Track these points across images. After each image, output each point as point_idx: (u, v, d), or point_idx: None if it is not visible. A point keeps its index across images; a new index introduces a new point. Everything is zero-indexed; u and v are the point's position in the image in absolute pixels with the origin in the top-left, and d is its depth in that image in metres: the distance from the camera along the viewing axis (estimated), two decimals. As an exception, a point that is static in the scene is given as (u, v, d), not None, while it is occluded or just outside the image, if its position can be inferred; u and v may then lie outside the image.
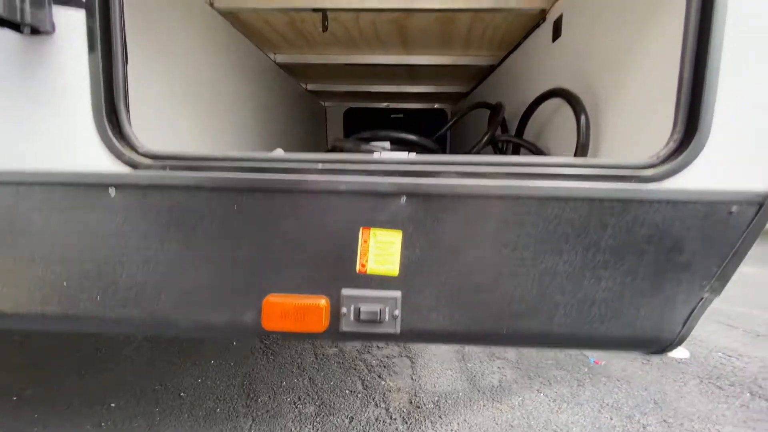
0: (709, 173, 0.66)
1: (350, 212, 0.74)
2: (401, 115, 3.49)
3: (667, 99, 0.69)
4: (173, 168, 0.72)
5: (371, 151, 1.33)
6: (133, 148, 0.73)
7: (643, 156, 0.69)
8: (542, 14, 1.49)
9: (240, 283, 0.77)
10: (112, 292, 0.77)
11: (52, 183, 0.74)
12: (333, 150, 1.47)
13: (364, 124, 3.52)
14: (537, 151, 1.33)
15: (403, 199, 0.71)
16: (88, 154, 0.73)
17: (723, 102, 0.65)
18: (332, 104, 3.54)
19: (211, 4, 1.45)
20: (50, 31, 0.69)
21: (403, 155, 0.76)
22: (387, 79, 2.78)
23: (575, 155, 1.06)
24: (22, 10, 0.64)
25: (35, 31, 0.67)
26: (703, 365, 1.71)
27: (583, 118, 1.05)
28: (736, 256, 0.69)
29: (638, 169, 0.67)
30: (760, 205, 0.66)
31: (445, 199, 0.72)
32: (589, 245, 0.70)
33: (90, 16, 0.69)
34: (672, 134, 0.67)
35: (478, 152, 1.48)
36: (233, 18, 1.60)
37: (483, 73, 2.39)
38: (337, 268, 0.75)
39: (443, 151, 1.87)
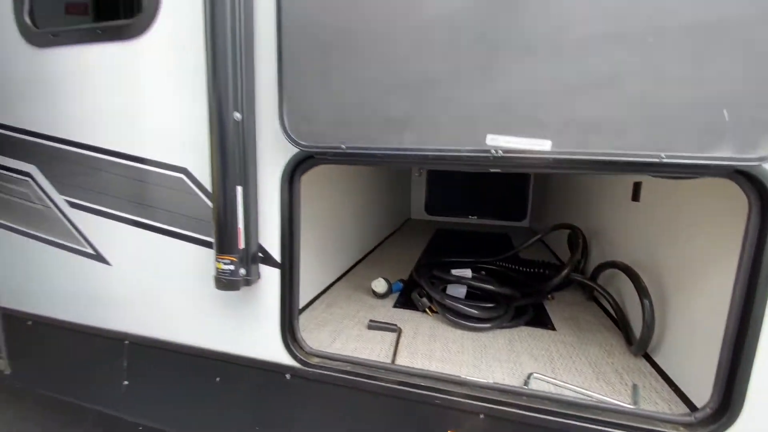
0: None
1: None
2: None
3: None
4: (331, 370, 1.09)
5: (450, 281, 1.61)
6: (302, 349, 1.13)
7: (681, 409, 0.86)
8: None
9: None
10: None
11: (251, 365, 1.17)
12: (416, 275, 1.76)
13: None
14: (614, 305, 1.46)
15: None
16: (275, 350, 1.14)
17: (757, 382, 0.79)
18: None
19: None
20: (256, 280, 1.11)
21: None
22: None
23: (640, 339, 1.20)
24: (248, 274, 1.07)
25: (249, 282, 1.10)
26: None
27: (646, 303, 1.19)
28: None
29: (675, 425, 0.84)
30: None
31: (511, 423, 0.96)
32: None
33: (282, 271, 1.10)
34: (710, 400, 0.83)
35: (557, 286, 1.64)
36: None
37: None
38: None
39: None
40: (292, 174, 1.02)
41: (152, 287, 1.24)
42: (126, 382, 1.32)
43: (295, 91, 0.91)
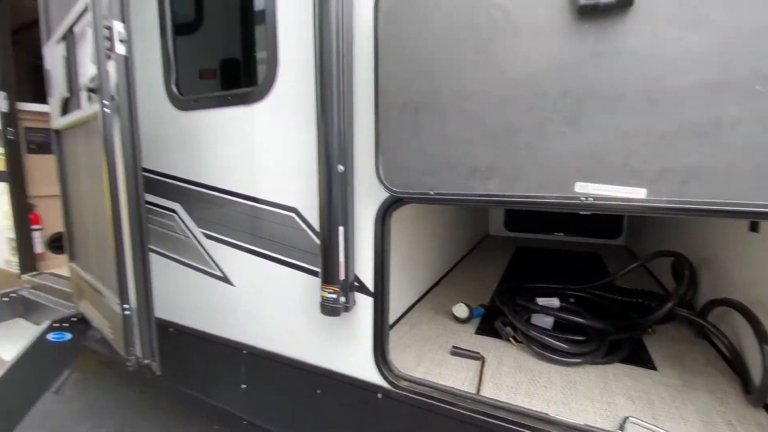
0: None
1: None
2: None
3: None
4: (418, 394, 1.18)
5: (535, 310, 1.58)
6: (392, 371, 1.23)
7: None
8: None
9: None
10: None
11: (347, 382, 1.31)
12: (499, 301, 1.76)
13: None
14: (728, 346, 1.32)
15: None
16: (368, 370, 1.26)
17: None
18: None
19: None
20: (353, 306, 1.25)
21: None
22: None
23: (760, 387, 1.07)
24: (347, 301, 1.21)
25: (347, 308, 1.24)
26: None
27: (767, 350, 1.07)
28: None
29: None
30: None
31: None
32: None
33: (374, 299, 1.22)
34: None
35: (658, 320, 1.52)
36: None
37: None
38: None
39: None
40: (384, 214, 1.14)
41: (266, 306, 1.46)
42: (244, 386, 1.56)
43: (389, 144, 1.03)
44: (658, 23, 0.73)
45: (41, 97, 2.74)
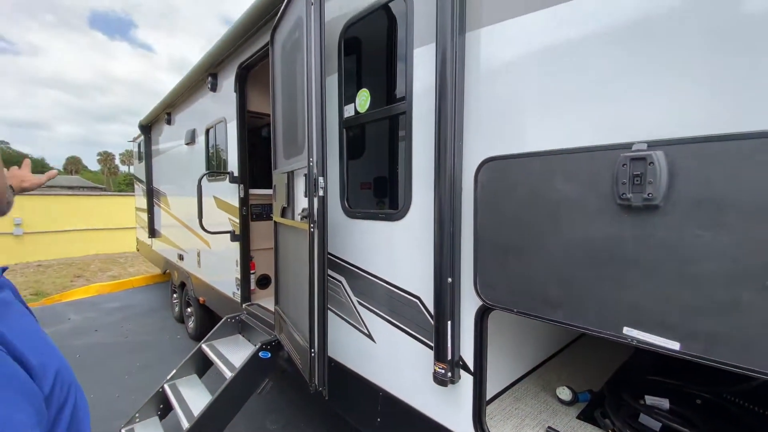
0: None
1: None
2: None
3: None
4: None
5: (639, 409, 1.64)
6: (487, 437, 1.58)
7: None
8: None
9: None
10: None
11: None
12: (606, 389, 1.84)
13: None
14: None
15: None
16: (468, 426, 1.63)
17: None
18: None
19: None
20: (458, 380, 1.66)
21: None
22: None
23: None
24: (453, 376, 1.63)
25: (453, 382, 1.65)
26: None
27: None
28: None
29: None
30: None
31: None
32: None
33: (474, 378, 1.61)
34: None
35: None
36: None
37: None
38: None
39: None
40: (482, 316, 1.54)
41: (396, 363, 1.99)
42: (378, 419, 2.11)
43: (484, 267, 1.45)
44: (681, 222, 0.99)
45: (260, 183, 4.08)
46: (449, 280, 1.58)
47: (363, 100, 2.11)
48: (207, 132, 4.34)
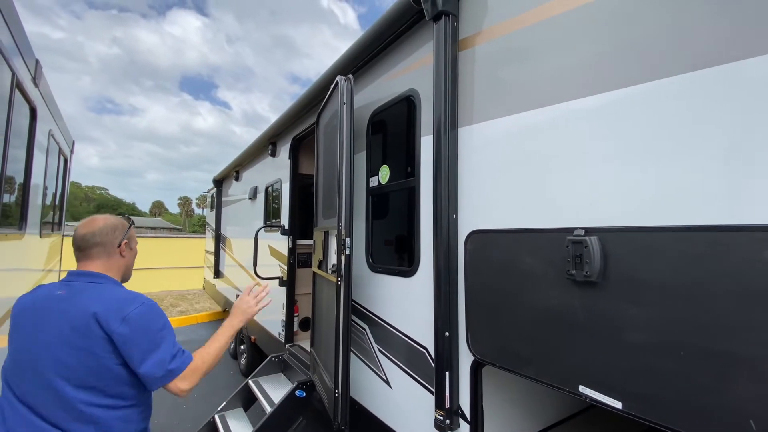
0: None
1: None
2: None
3: None
4: None
5: None
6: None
7: None
8: None
9: None
10: None
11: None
12: None
13: None
14: None
15: None
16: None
17: None
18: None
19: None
20: (456, 428, 1.82)
21: None
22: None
23: None
24: (451, 424, 1.81)
25: (452, 429, 1.82)
26: None
27: None
28: None
29: None
30: None
31: None
32: None
33: (471, 426, 1.77)
34: None
35: None
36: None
37: None
38: None
39: None
40: (476, 369, 1.74)
41: (407, 407, 2.19)
42: (394, 463, 2.27)
43: (475, 324, 1.68)
44: (614, 296, 1.19)
45: (307, 233, 4.56)
46: (446, 333, 1.81)
47: (384, 174, 2.52)
48: (266, 189, 5.05)
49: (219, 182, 8.05)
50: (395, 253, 2.57)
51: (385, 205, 2.64)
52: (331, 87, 2.67)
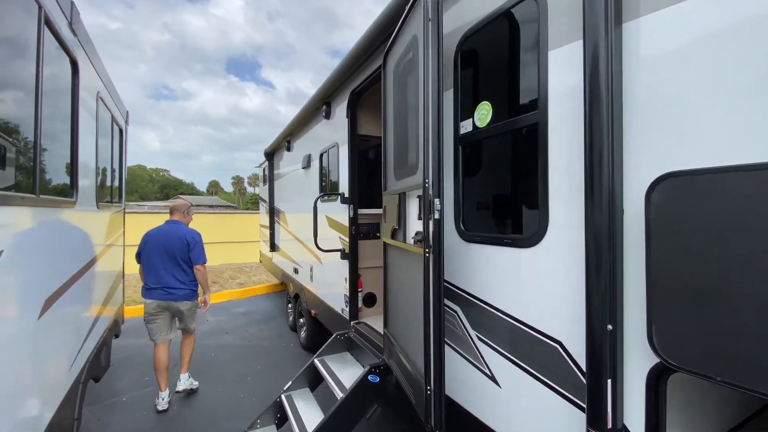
0: None
1: None
2: None
3: None
4: None
5: None
6: None
7: None
8: None
9: None
10: None
11: None
12: None
13: None
14: None
15: None
16: None
17: None
18: None
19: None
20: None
21: None
22: None
23: None
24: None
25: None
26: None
27: None
28: None
29: None
30: None
31: None
32: None
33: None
34: None
35: None
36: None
37: None
38: None
39: None
40: (657, 378, 1.18)
41: (528, 415, 1.69)
42: (504, 476, 1.82)
43: (663, 316, 1.11)
44: None
45: (366, 202, 4.15)
46: (609, 327, 1.26)
47: (483, 114, 1.92)
48: (321, 156, 4.64)
49: (270, 155, 7.83)
50: (501, 218, 2.01)
51: (483, 156, 2.06)
52: (408, 6, 2.08)
